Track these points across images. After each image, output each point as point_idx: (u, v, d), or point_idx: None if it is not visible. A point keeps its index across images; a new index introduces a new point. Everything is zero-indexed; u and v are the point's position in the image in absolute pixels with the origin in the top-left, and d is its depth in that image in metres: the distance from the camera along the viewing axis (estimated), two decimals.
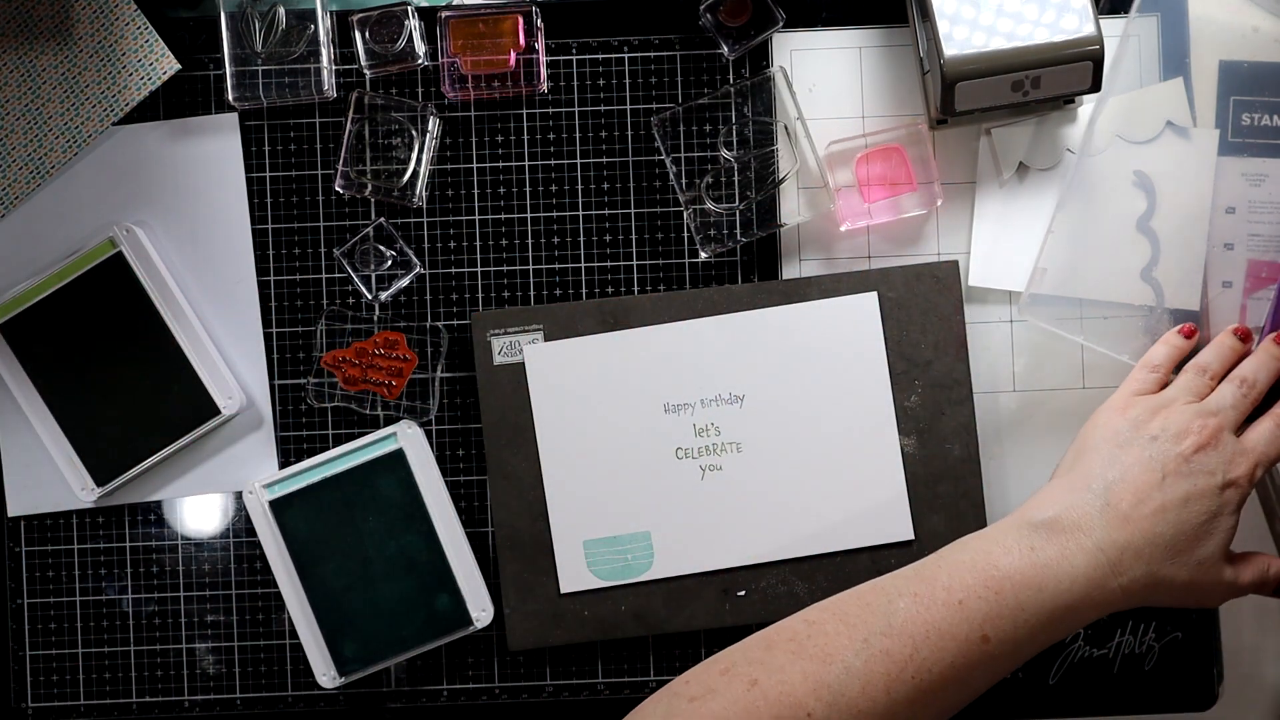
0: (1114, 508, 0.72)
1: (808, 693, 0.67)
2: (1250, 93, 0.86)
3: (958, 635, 0.69)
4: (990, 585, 0.70)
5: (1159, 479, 0.73)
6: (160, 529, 0.88)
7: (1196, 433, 0.74)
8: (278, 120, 0.88)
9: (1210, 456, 0.74)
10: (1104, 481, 0.73)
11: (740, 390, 0.85)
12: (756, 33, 0.87)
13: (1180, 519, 0.72)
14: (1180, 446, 0.74)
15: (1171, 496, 0.72)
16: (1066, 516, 0.72)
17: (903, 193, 0.86)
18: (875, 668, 0.68)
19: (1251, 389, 0.78)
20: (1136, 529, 0.71)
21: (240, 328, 0.87)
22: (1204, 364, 0.80)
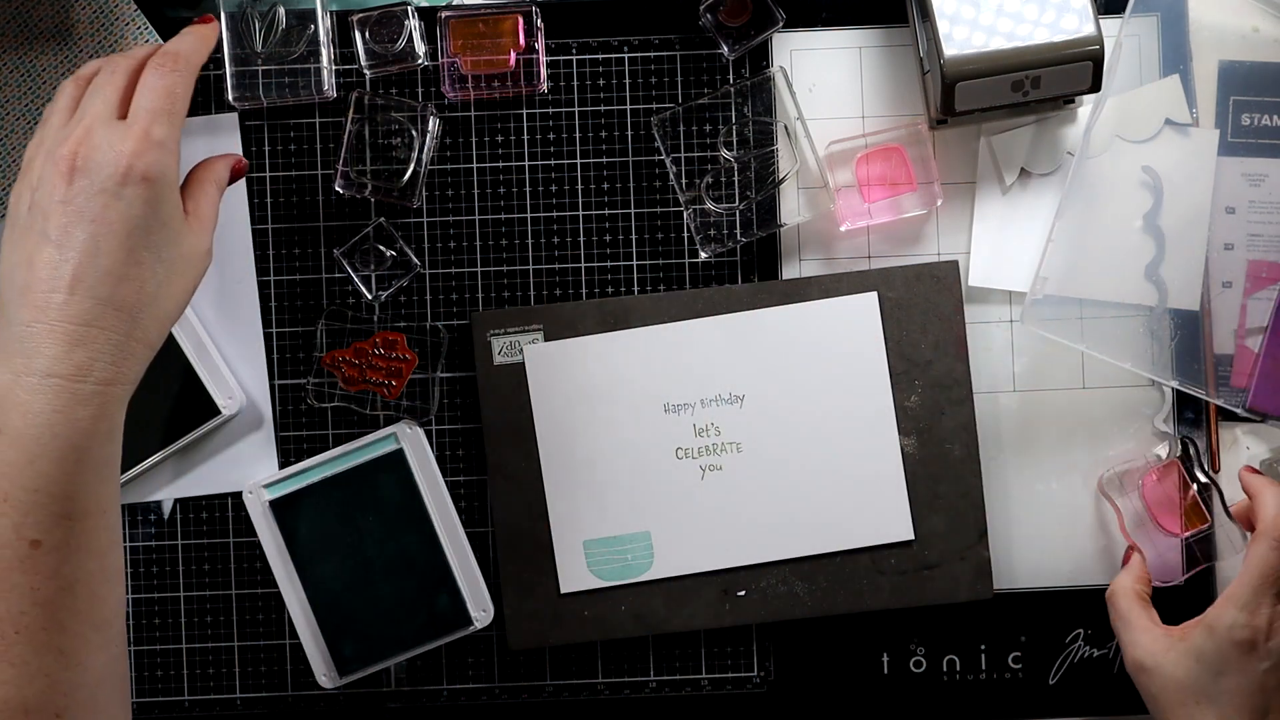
0: None
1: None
2: (1250, 93, 0.86)
3: (11, 564, 0.59)
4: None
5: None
6: (160, 529, 0.88)
7: (62, 159, 0.63)
8: (278, 120, 0.88)
9: (84, 178, 0.63)
10: None
11: (740, 390, 0.85)
12: (756, 33, 0.87)
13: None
14: (52, 188, 0.63)
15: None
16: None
17: (903, 193, 0.86)
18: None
19: (113, 67, 0.68)
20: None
21: (240, 328, 0.87)
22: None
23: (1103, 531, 0.87)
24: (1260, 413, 0.85)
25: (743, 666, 0.87)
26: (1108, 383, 0.87)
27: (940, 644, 0.87)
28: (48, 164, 0.63)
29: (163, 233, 0.65)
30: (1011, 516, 0.87)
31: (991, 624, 0.87)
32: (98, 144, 0.63)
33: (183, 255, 0.66)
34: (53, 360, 0.60)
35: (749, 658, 0.87)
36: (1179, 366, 0.85)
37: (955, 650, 0.87)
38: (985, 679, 0.87)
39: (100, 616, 0.62)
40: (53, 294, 0.61)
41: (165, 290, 0.65)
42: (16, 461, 0.60)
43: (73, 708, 0.61)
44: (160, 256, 0.64)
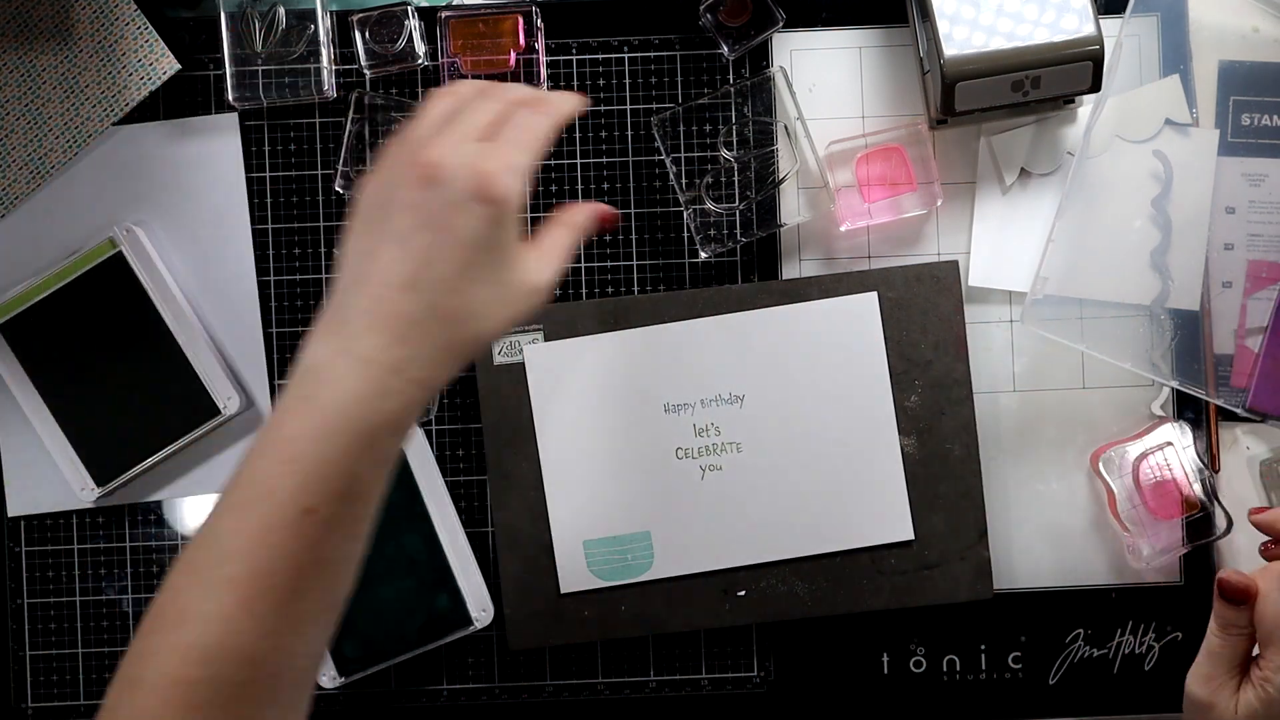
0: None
1: (179, 663, 0.60)
2: (1250, 93, 0.86)
3: (281, 524, 0.61)
4: (285, 458, 0.62)
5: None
6: (160, 529, 0.88)
7: (424, 165, 0.64)
8: (278, 120, 0.88)
9: (437, 191, 0.63)
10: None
11: (740, 390, 0.85)
12: (756, 33, 0.87)
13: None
14: (409, 180, 0.64)
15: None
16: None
17: (903, 193, 0.86)
18: (226, 601, 0.61)
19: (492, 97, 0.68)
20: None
21: (240, 328, 0.87)
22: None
23: (1103, 531, 0.87)
24: (1260, 413, 0.85)
25: (743, 666, 0.87)
26: (1108, 383, 0.87)
27: (940, 644, 0.87)
28: (408, 167, 0.64)
29: (499, 255, 0.66)
30: (1011, 516, 0.87)
31: (991, 624, 0.87)
32: (460, 158, 0.64)
33: (514, 282, 0.67)
34: (376, 349, 0.63)
35: (749, 658, 0.87)
36: (1179, 366, 0.85)
37: (955, 650, 0.87)
38: (985, 679, 0.87)
39: (335, 599, 0.64)
40: (388, 289, 0.64)
41: (489, 311, 0.66)
42: (316, 431, 0.62)
43: (287, 675, 0.63)
44: (492, 278, 0.66)
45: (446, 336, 0.64)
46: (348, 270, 0.66)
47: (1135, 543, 0.85)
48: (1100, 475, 0.85)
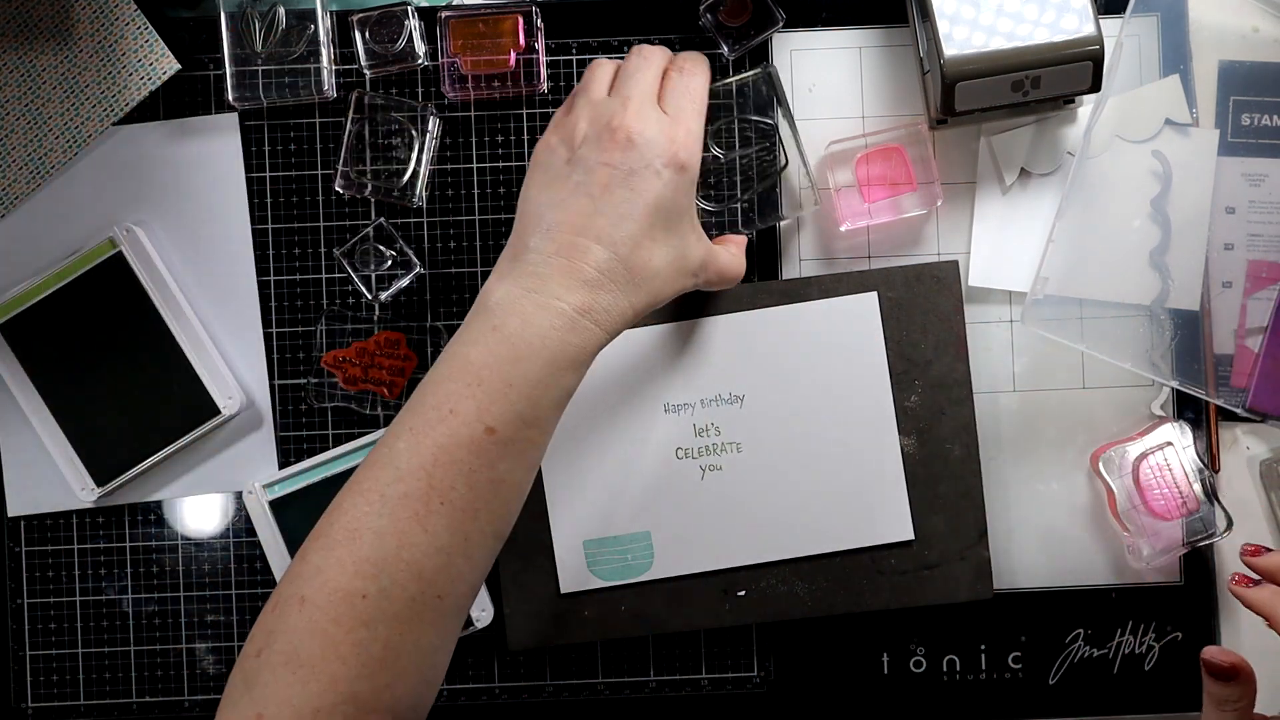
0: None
1: (350, 576, 0.63)
2: (1250, 93, 0.86)
3: (462, 441, 0.65)
4: (471, 381, 0.66)
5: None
6: (160, 529, 0.88)
7: (618, 129, 0.71)
8: (278, 120, 0.88)
9: (628, 153, 0.71)
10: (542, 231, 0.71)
11: (740, 390, 0.85)
12: (756, 33, 0.87)
13: None
14: (601, 148, 0.71)
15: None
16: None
17: (903, 193, 0.86)
18: (401, 516, 0.64)
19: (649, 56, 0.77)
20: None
21: (240, 328, 0.87)
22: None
23: (1103, 531, 0.87)
24: (1260, 413, 0.85)
25: (743, 666, 0.87)
26: (1108, 382, 0.87)
27: (940, 644, 0.87)
28: (601, 130, 0.71)
29: (681, 221, 0.72)
30: (1011, 516, 0.87)
31: (991, 624, 0.87)
32: (651, 126, 0.71)
33: (688, 252, 0.73)
34: (564, 289, 0.68)
35: (749, 658, 0.87)
36: (1179, 366, 0.85)
37: (955, 650, 0.87)
38: (985, 679, 0.87)
39: (503, 526, 0.68)
40: (579, 238, 0.69)
41: (665, 272, 0.72)
42: (503, 356, 0.66)
43: (452, 596, 0.65)
44: (671, 242, 0.72)
45: (628, 290, 0.70)
46: (532, 216, 0.71)
47: (1135, 543, 0.85)
48: (1100, 475, 0.85)
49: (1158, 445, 0.85)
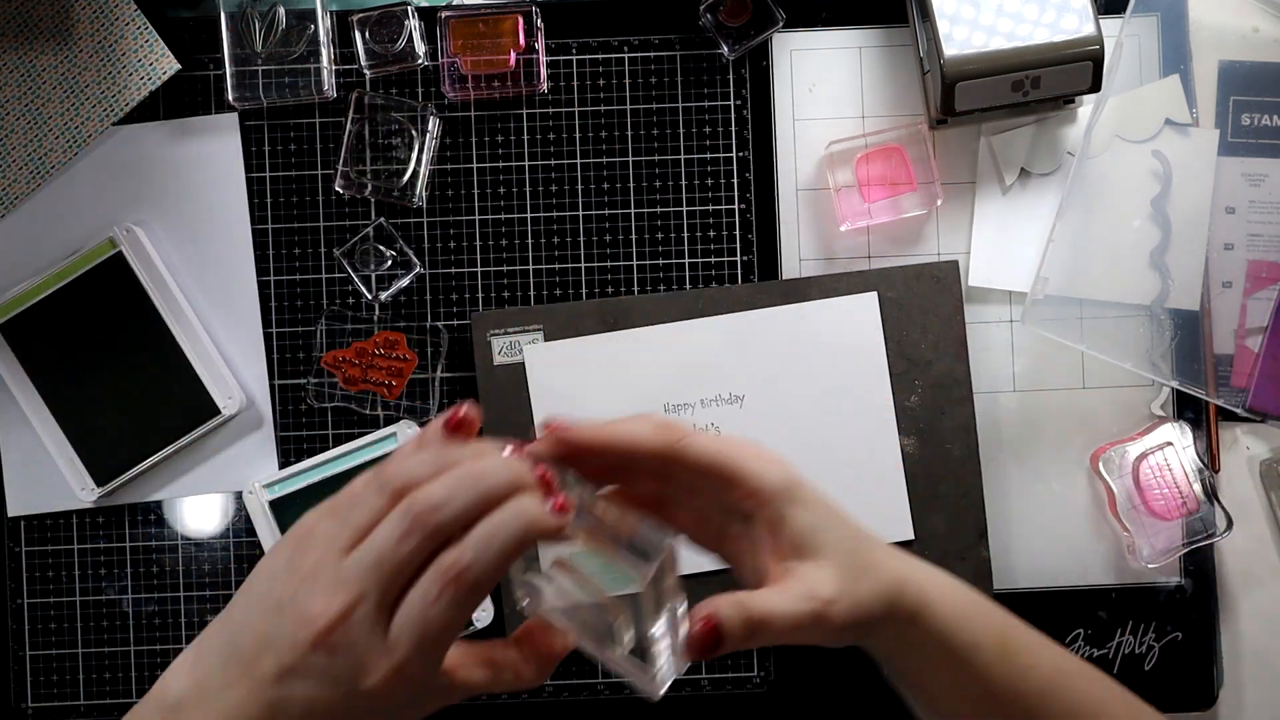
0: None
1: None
2: (1250, 93, 0.86)
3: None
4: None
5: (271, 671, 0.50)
6: (160, 529, 0.88)
7: (320, 618, 0.50)
8: (278, 120, 0.88)
9: (330, 660, 0.50)
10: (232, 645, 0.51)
11: (740, 390, 0.85)
12: (756, 33, 0.87)
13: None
14: (298, 634, 0.50)
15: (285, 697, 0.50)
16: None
17: (903, 193, 0.86)
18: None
19: (422, 531, 0.50)
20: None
21: (240, 328, 0.87)
22: (391, 476, 0.51)
23: (1103, 531, 0.87)
24: (1260, 413, 0.85)
25: (743, 666, 0.87)
26: (1108, 382, 0.87)
27: None
28: (297, 608, 0.51)
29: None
30: (1011, 516, 0.87)
31: None
32: (355, 641, 0.50)
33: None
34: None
35: (749, 658, 0.87)
36: (1179, 366, 0.85)
37: None
38: None
39: None
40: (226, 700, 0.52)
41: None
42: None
43: None
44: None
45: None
46: (239, 627, 0.52)
47: (1135, 543, 0.85)
48: (1100, 475, 0.85)
49: (1158, 445, 0.85)
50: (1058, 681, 0.61)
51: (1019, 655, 0.61)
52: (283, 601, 0.51)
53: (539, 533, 0.51)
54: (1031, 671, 0.61)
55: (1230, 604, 0.87)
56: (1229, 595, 0.87)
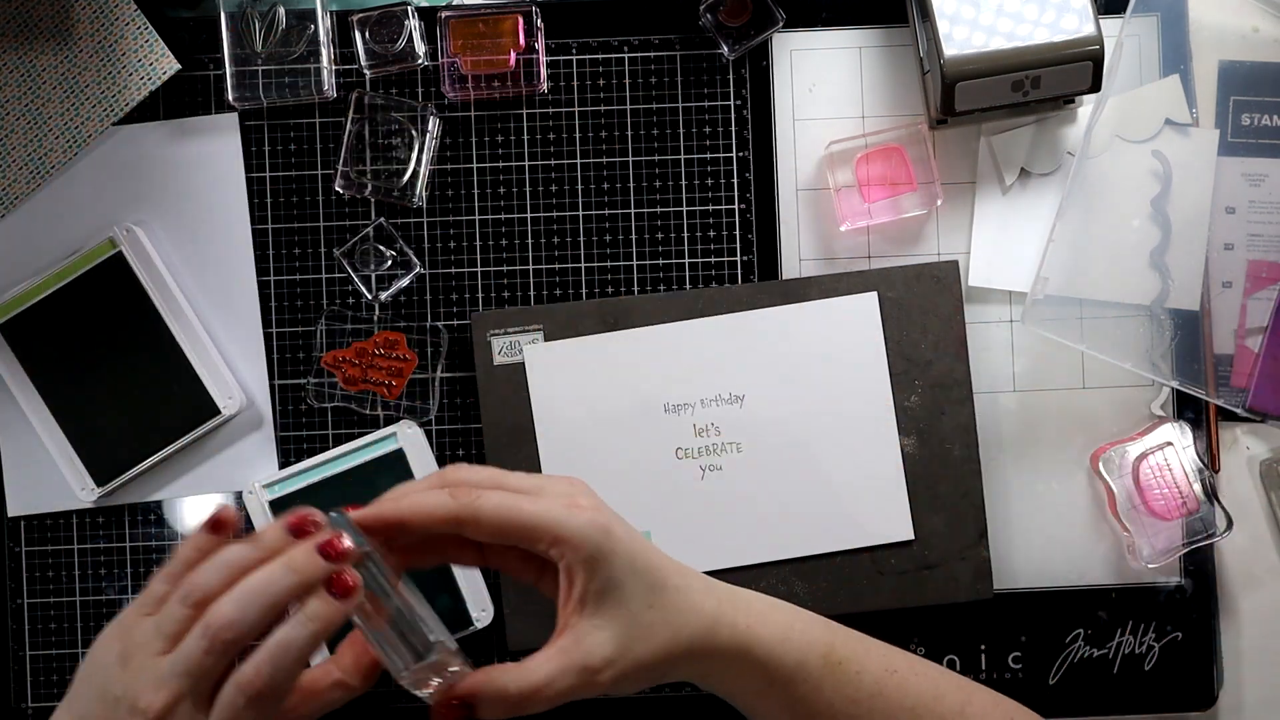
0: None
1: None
2: (1250, 93, 0.86)
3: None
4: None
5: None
6: (160, 529, 0.88)
7: (150, 709, 0.55)
8: (278, 120, 0.88)
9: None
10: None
11: (740, 390, 0.85)
12: (756, 33, 0.87)
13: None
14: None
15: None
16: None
17: (903, 193, 0.86)
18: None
19: (222, 647, 0.55)
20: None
21: (240, 328, 0.87)
22: (192, 588, 0.57)
23: (1103, 531, 0.87)
24: (1260, 413, 0.85)
25: None
26: (1108, 382, 0.87)
27: (940, 644, 0.87)
28: (129, 701, 0.56)
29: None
30: (1011, 516, 0.87)
31: (991, 624, 0.87)
32: None
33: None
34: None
35: None
36: (1179, 366, 0.85)
37: (955, 650, 0.87)
38: (985, 679, 0.87)
39: None
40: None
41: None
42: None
43: None
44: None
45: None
46: (100, 704, 0.57)
47: (1135, 543, 0.85)
48: (1100, 475, 0.85)
49: (1158, 445, 0.85)
50: (888, 681, 0.65)
51: (846, 664, 0.65)
52: (118, 696, 0.56)
53: (325, 634, 0.57)
54: (861, 677, 0.65)
55: (1230, 604, 0.87)
56: (1229, 595, 0.87)
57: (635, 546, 0.62)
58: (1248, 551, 0.87)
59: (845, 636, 0.67)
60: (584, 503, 0.61)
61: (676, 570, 0.64)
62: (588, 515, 0.60)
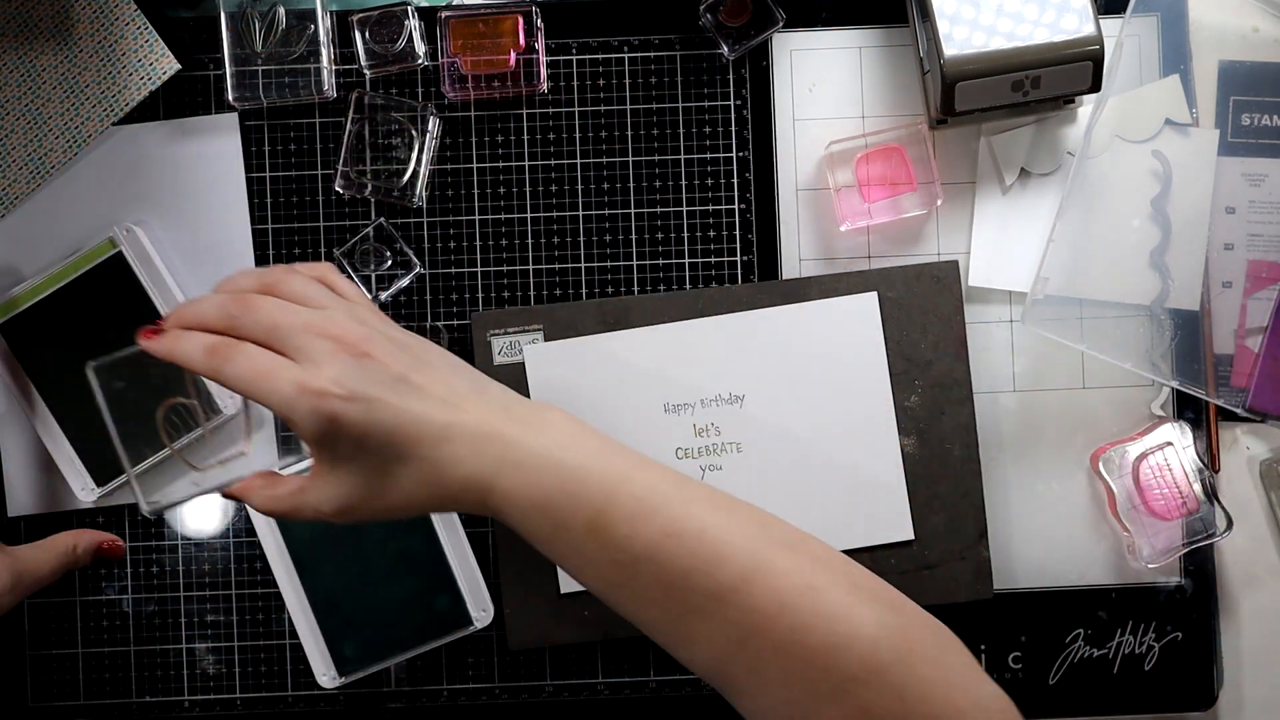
0: None
1: None
2: (1250, 93, 0.86)
3: None
4: None
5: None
6: (160, 529, 0.88)
7: None
8: (278, 120, 0.88)
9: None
10: None
11: (740, 390, 0.85)
12: (756, 33, 0.87)
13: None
14: None
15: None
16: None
17: (903, 193, 0.86)
18: None
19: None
20: None
21: None
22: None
23: (1103, 531, 0.87)
24: (1260, 413, 0.85)
25: None
26: (1108, 383, 0.87)
27: None
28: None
29: None
30: (1011, 516, 0.87)
31: (991, 624, 0.87)
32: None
33: None
34: None
35: None
36: (1179, 366, 0.85)
37: None
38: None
39: None
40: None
41: None
42: None
43: None
44: None
45: None
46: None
47: (1135, 543, 0.85)
48: (1100, 475, 0.85)
49: (1158, 445, 0.85)
50: (663, 544, 0.64)
51: (613, 529, 0.65)
52: None
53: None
54: (631, 540, 0.64)
55: (1230, 604, 0.87)
56: (1229, 595, 0.87)
57: (369, 426, 0.65)
58: (1248, 551, 0.87)
59: (629, 495, 0.66)
60: (317, 383, 0.64)
61: (434, 439, 0.65)
62: (309, 404, 0.64)
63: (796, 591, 0.63)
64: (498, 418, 0.67)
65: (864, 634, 0.62)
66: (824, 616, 0.62)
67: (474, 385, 0.69)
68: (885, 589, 0.65)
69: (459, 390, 0.68)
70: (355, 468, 0.66)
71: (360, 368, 0.65)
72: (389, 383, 0.66)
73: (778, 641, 0.63)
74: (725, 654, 0.64)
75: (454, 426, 0.66)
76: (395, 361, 0.66)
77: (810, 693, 0.62)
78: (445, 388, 0.67)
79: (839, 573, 0.65)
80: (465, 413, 0.66)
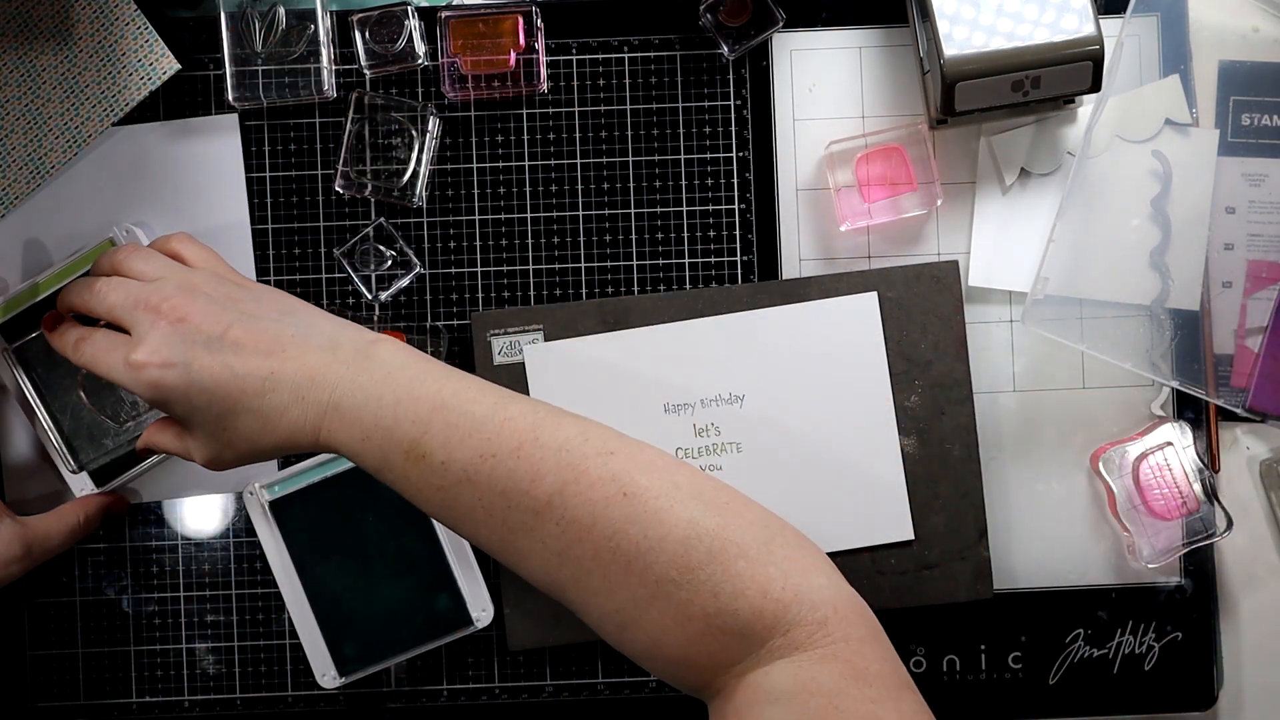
0: None
1: None
2: (1250, 93, 0.86)
3: None
4: None
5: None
6: (160, 529, 0.88)
7: None
8: (278, 120, 0.88)
9: None
10: None
11: (740, 390, 0.85)
12: (756, 33, 0.87)
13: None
14: None
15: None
16: None
17: (903, 193, 0.86)
18: None
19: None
20: None
21: None
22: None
23: (1103, 531, 0.87)
24: (1260, 413, 0.85)
25: None
26: (1108, 382, 0.87)
27: (940, 644, 0.87)
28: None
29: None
30: (1011, 516, 0.87)
31: (991, 624, 0.87)
32: None
33: None
34: None
35: None
36: (1179, 366, 0.85)
37: (955, 650, 0.87)
38: (985, 679, 0.87)
39: None
40: None
41: None
42: None
43: None
44: None
45: None
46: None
47: (1135, 543, 0.85)
48: (1100, 475, 0.85)
49: (1158, 445, 0.85)
50: (480, 467, 0.66)
51: (430, 457, 0.67)
52: None
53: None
54: (447, 466, 0.67)
55: (1230, 604, 0.87)
56: (1229, 595, 0.87)
57: (190, 388, 0.69)
58: (1248, 551, 0.87)
59: (444, 422, 0.67)
60: (136, 355, 0.70)
61: (256, 391, 0.69)
62: (134, 376, 0.70)
63: (608, 500, 0.65)
64: (321, 360, 0.69)
65: (674, 535, 0.64)
66: (635, 522, 0.64)
67: (301, 330, 0.71)
68: (712, 487, 0.67)
69: (282, 338, 0.70)
70: (199, 424, 0.70)
71: (176, 333, 0.69)
72: (204, 343, 0.69)
73: (595, 550, 0.65)
74: (552, 567, 0.66)
75: (274, 377, 0.69)
76: (213, 321, 0.70)
77: (631, 599, 0.64)
78: (269, 338, 0.70)
79: (660, 475, 0.66)
80: (286, 360, 0.69)
